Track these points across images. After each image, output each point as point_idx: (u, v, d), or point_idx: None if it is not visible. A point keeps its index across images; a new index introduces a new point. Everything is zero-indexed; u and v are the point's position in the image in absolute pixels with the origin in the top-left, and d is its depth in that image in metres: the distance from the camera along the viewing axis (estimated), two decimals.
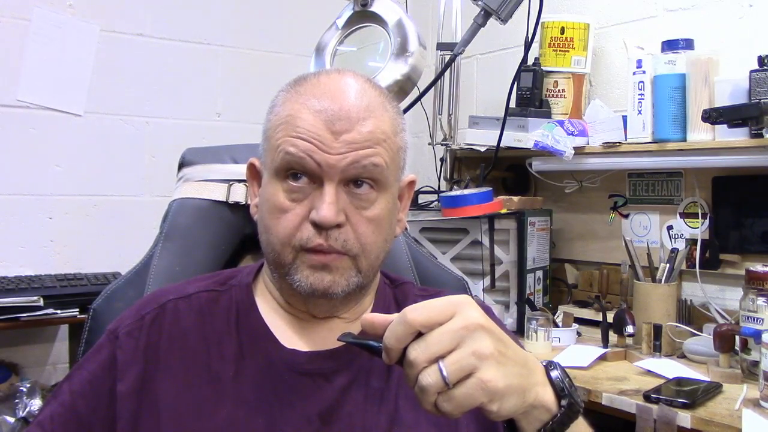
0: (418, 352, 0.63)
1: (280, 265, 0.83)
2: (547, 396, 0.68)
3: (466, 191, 2.03)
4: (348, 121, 0.81)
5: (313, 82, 0.85)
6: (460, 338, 0.63)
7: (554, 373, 0.70)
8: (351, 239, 0.81)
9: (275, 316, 0.88)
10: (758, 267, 1.63)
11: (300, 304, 0.87)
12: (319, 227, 0.80)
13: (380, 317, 0.67)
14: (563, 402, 0.69)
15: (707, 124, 1.77)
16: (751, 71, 1.73)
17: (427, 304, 0.65)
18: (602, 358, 1.72)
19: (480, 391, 0.62)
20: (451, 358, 0.62)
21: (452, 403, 0.62)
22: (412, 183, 0.92)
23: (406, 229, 1.17)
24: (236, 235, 1.10)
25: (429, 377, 0.62)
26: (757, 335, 1.47)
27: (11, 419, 2.04)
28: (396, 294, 0.95)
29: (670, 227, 2.07)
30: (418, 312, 0.64)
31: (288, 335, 0.87)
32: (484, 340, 0.63)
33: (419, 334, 0.64)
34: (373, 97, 0.85)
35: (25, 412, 2.06)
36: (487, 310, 0.94)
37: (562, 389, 0.69)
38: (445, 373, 0.61)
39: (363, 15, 1.55)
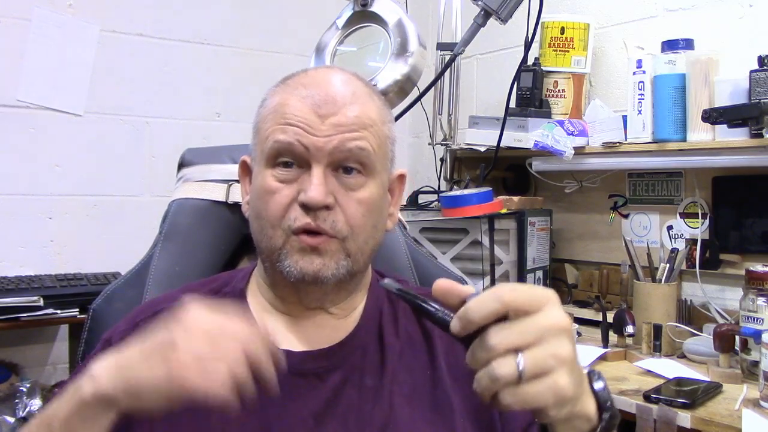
0: (501, 338, 0.60)
1: (271, 250, 0.83)
2: (589, 406, 0.66)
3: (466, 191, 2.03)
4: (334, 105, 0.83)
5: (301, 75, 0.88)
6: (545, 335, 0.60)
7: (598, 385, 0.68)
8: (340, 221, 0.82)
9: (267, 316, 0.88)
10: (758, 267, 1.62)
11: (291, 296, 0.87)
12: (308, 208, 0.81)
13: (456, 286, 0.64)
14: (605, 415, 0.66)
15: (707, 124, 1.77)
16: (751, 71, 1.73)
17: (521, 288, 0.63)
18: (602, 358, 1.72)
19: (551, 394, 0.60)
20: (532, 353, 0.59)
21: (517, 398, 0.59)
22: (402, 176, 0.93)
23: (405, 228, 1.18)
24: (236, 236, 1.11)
25: (505, 367, 0.59)
26: (757, 335, 1.47)
27: (11, 419, 2.04)
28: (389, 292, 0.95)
29: (670, 227, 2.07)
30: (515, 295, 0.61)
31: (281, 335, 0.86)
32: (566, 343, 0.61)
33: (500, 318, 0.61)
34: (359, 86, 0.87)
35: (25, 412, 2.06)
36: None
37: (606, 401, 0.67)
38: (522, 367, 0.59)
39: (363, 15, 1.55)
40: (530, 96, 2.14)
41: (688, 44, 1.91)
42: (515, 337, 0.60)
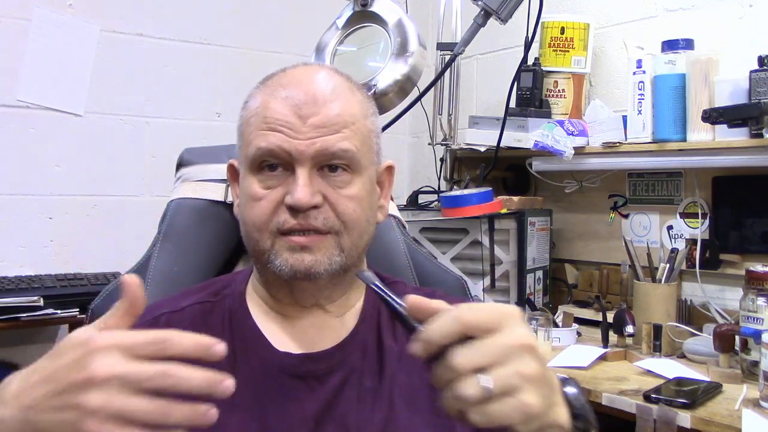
0: (464, 359, 0.59)
1: (260, 252, 0.83)
2: (562, 415, 0.65)
3: (466, 191, 2.03)
4: (314, 105, 0.82)
5: (280, 75, 0.87)
6: (509, 354, 0.59)
7: (570, 390, 0.67)
8: (331, 217, 0.82)
9: (266, 319, 0.88)
10: (758, 267, 1.62)
11: (286, 296, 0.87)
12: (295, 210, 0.80)
13: (426, 302, 0.63)
14: (578, 424, 0.67)
15: (707, 124, 1.77)
16: (751, 71, 1.73)
17: (481, 307, 0.62)
18: (602, 358, 1.72)
19: (517, 412, 0.59)
20: (497, 373, 0.59)
21: (483, 417, 0.59)
22: (390, 168, 0.93)
23: (404, 228, 1.18)
24: (234, 235, 1.10)
25: (470, 388, 0.58)
26: (757, 335, 1.47)
27: None
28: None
29: (670, 227, 2.07)
30: (474, 314, 0.61)
31: (280, 338, 0.87)
32: (531, 361, 0.60)
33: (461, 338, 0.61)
34: (340, 82, 0.86)
35: None
36: None
37: (578, 408, 0.67)
38: (487, 387, 0.58)
39: (363, 15, 1.55)
40: (530, 96, 2.14)
41: (688, 44, 1.91)
42: (479, 357, 0.59)
